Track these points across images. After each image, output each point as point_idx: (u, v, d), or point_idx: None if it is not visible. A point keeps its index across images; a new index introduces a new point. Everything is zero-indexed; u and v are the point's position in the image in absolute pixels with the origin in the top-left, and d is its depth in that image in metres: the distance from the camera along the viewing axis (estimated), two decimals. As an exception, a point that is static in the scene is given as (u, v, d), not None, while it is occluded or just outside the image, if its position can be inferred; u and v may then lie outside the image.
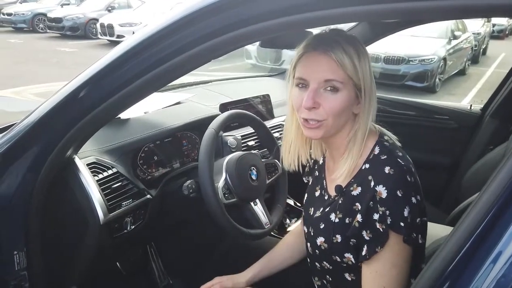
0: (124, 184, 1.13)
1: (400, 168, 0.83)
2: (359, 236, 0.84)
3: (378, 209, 0.81)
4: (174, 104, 1.47)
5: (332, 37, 0.86)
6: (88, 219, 1.04)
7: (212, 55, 0.83)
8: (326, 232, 0.90)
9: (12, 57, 8.77)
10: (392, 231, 0.80)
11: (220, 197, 1.10)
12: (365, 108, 0.86)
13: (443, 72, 7.45)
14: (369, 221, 0.83)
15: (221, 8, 0.74)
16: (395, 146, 0.89)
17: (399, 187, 0.81)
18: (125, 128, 1.26)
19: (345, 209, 0.87)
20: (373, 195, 0.82)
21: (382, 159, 0.84)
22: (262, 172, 1.22)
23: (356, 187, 0.86)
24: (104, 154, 1.14)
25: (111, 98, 0.86)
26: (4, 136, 0.98)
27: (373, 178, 0.83)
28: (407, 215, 0.80)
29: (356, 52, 0.84)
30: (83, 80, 0.88)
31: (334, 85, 0.84)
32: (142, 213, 1.17)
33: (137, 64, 0.82)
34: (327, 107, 0.84)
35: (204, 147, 1.10)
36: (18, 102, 1.66)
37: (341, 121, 0.87)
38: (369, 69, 0.86)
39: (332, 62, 0.83)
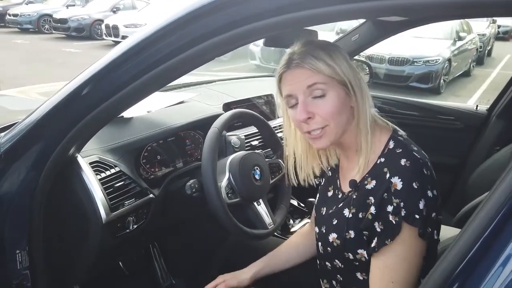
0: (126, 183, 1.12)
1: (416, 161, 0.82)
2: (372, 228, 0.84)
3: (393, 200, 0.80)
4: (177, 104, 1.46)
5: (299, 50, 0.87)
6: (90, 218, 1.04)
7: (213, 53, 0.83)
8: (339, 228, 0.90)
9: (18, 57, 8.85)
10: (406, 224, 0.79)
11: (223, 196, 1.09)
12: (358, 99, 0.86)
13: (448, 73, 7.41)
14: (382, 213, 0.82)
15: (221, 6, 0.73)
16: (409, 141, 0.89)
17: (415, 179, 0.80)
18: (128, 127, 1.25)
19: (358, 203, 0.87)
20: (388, 186, 0.81)
21: (398, 152, 0.84)
22: (266, 172, 1.21)
23: (370, 181, 0.86)
24: (107, 153, 1.14)
25: (113, 97, 0.86)
26: (7, 134, 0.98)
27: (389, 170, 0.83)
28: (423, 208, 0.79)
29: (327, 53, 0.85)
30: (85, 78, 0.88)
31: (318, 88, 0.84)
32: (144, 212, 1.17)
33: (138, 62, 0.82)
34: (322, 113, 0.85)
35: (207, 146, 1.09)
36: (23, 101, 1.66)
37: (342, 120, 0.87)
38: (346, 63, 0.86)
39: (307, 71, 0.84)
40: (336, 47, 0.88)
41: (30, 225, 0.96)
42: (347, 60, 0.87)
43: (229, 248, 1.41)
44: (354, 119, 0.88)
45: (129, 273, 1.49)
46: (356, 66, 0.90)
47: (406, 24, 1.67)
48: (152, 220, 1.19)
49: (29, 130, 0.93)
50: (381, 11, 0.81)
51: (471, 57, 8.71)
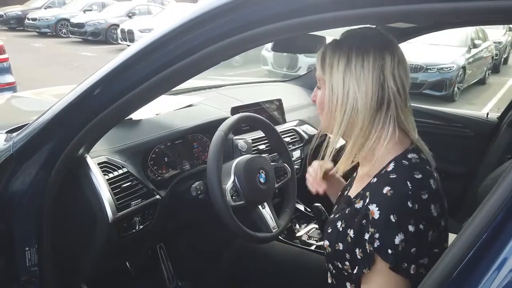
0: (133, 184, 1.14)
1: (402, 191, 0.76)
2: (353, 253, 0.82)
3: (369, 229, 0.78)
4: (186, 107, 1.48)
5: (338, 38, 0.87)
6: (97, 217, 1.06)
7: (221, 57, 0.84)
8: (331, 238, 0.89)
9: (36, 60, 9.01)
10: (378, 256, 0.76)
11: (228, 199, 1.10)
12: (336, 112, 0.84)
13: (462, 81, 7.32)
14: (360, 240, 0.80)
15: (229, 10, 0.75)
16: (417, 167, 0.80)
17: (394, 211, 0.75)
18: (136, 129, 1.27)
19: (348, 220, 0.85)
20: (366, 213, 0.79)
21: (390, 178, 0.79)
22: (271, 175, 1.22)
23: (359, 201, 0.84)
24: (115, 154, 1.16)
25: (123, 98, 0.87)
26: (19, 134, 1.01)
27: (369, 196, 0.80)
28: (399, 243, 0.74)
29: (332, 57, 0.84)
30: (95, 80, 0.90)
31: (317, 80, 0.89)
32: (151, 213, 1.18)
33: (148, 64, 0.83)
34: (317, 101, 0.91)
35: (213, 149, 1.10)
36: (37, 103, 1.70)
37: (329, 118, 0.87)
38: (342, 78, 0.82)
39: (316, 59, 0.89)
40: (351, 59, 0.82)
41: (39, 223, 0.98)
42: (349, 76, 0.82)
43: (235, 251, 1.42)
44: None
45: (136, 274, 1.50)
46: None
47: (414, 31, 1.66)
48: (158, 221, 1.21)
49: (40, 130, 0.95)
50: (388, 17, 0.81)
51: (486, 65, 8.59)
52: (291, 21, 0.71)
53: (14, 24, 14.42)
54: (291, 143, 1.66)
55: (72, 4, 15.13)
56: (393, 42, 0.85)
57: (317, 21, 0.71)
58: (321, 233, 1.54)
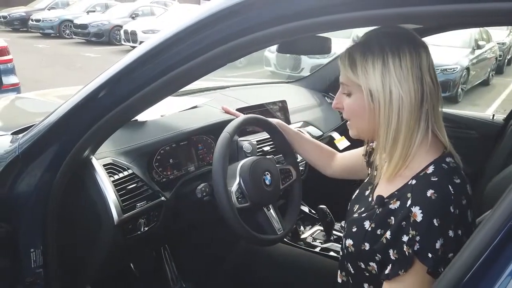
0: (139, 186, 1.14)
1: (446, 196, 0.76)
2: (386, 253, 0.81)
3: (409, 231, 0.76)
4: (191, 108, 1.48)
5: (360, 39, 0.87)
6: (103, 219, 1.06)
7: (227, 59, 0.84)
8: (356, 237, 0.88)
9: (39, 61, 9.04)
10: (417, 259, 0.76)
11: (233, 201, 1.10)
12: (381, 114, 0.82)
13: (466, 82, 7.31)
14: (397, 241, 0.79)
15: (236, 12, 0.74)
16: (455, 171, 0.81)
17: (438, 215, 0.75)
18: (142, 131, 1.27)
19: (379, 220, 0.84)
20: (408, 215, 0.77)
21: (432, 180, 0.78)
22: (276, 177, 1.22)
23: (395, 201, 0.82)
24: (121, 155, 1.16)
25: (128, 101, 0.87)
26: (25, 136, 1.01)
27: (412, 197, 0.78)
28: (439, 248, 0.74)
29: (364, 57, 0.82)
30: (100, 82, 0.90)
31: (345, 87, 0.88)
32: (156, 215, 1.18)
33: (153, 67, 0.83)
34: (345, 109, 0.90)
35: (218, 151, 1.10)
36: (41, 104, 1.70)
37: (364, 123, 0.87)
38: (380, 76, 0.80)
39: (343, 67, 0.87)
40: (386, 58, 0.81)
41: (44, 225, 0.98)
42: (382, 69, 0.81)
43: (240, 253, 1.42)
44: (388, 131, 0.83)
45: (140, 275, 1.50)
46: None
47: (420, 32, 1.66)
48: (163, 222, 1.21)
49: (46, 132, 0.95)
50: (395, 19, 0.81)
51: (490, 66, 8.57)
52: (296, 24, 0.71)
53: (18, 25, 14.49)
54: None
55: (75, 5, 15.19)
56: (422, 40, 0.86)
57: (322, 24, 0.71)
58: (326, 234, 1.53)
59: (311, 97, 2.06)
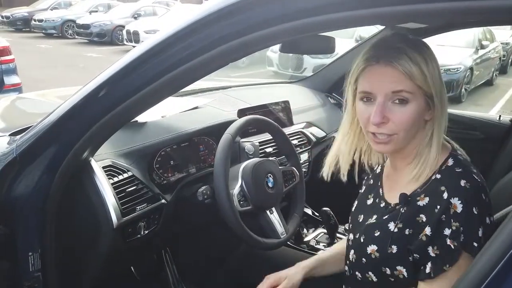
0: (139, 188, 1.11)
1: (477, 184, 0.77)
2: (424, 251, 0.78)
3: (452, 224, 0.75)
4: (192, 109, 1.46)
5: (394, 44, 0.80)
6: (102, 222, 1.04)
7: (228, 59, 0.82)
8: (381, 241, 0.85)
9: (42, 61, 9.05)
10: (464, 251, 0.74)
11: (235, 204, 1.07)
12: (438, 113, 0.81)
13: (469, 82, 7.27)
14: (439, 236, 0.76)
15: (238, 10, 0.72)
16: (469, 163, 0.83)
17: (476, 203, 0.75)
18: (142, 132, 1.25)
19: (407, 219, 0.81)
20: (447, 207, 0.76)
21: (457, 172, 0.79)
22: (279, 179, 1.19)
23: (423, 197, 0.80)
24: (121, 157, 1.14)
25: (128, 101, 0.85)
26: (23, 137, 0.99)
27: (447, 190, 0.77)
28: (481, 236, 0.74)
29: (423, 58, 0.79)
30: (100, 82, 0.88)
31: (403, 96, 0.79)
32: (156, 217, 1.16)
33: (154, 66, 0.81)
34: (397, 121, 0.79)
35: (220, 153, 1.08)
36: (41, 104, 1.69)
37: (412, 133, 0.83)
38: (438, 73, 0.80)
39: (399, 74, 0.78)
40: (432, 52, 0.81)
41: (43, 228, 0.97)
42: (439, 68, 0.81)
43: (241, 256, 1.40)
44: (428, 132, 0.82)
45: (140, 278, 1.48)
46: None
47: (425, 32, 1.63)
48: (164, 225, 1.19)
49: (44, 133, 0.94)
50: (398, 17, 0.79)
51: (493, 66, 8.53)
52: (301, 21, 0.69)
53: (20, 25, 14.53)
54: (298, 146, 1.63)
55: (78, 6, 15.22)
56: None
57: (326, 22, 0.69)
58: (330, 237, 1.51)
59: (314, 98, 2.03)
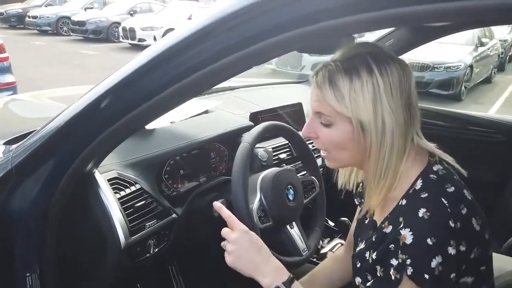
0: (148, 203, 1.01)
1: (440, 211, 0.68)
2: (373, 270, 0.76)
3: (398, 255, 0.70)
4: (202, 113, 1.36)
5: (331, 63, 0.74)
6: (108, 242, 0.94)
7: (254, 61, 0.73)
8: (361, 272, 0.80)
9: (36, 59, 8.91)
10: (412, 282, 0.69)
11: (255, 221, 0.97)
12: (373, 143, 0.72)
13: (469, 79, 7.23)
14: (384, 261, 0.73)
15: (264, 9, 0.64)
16: (446, 179, 0.73)
17: (432, 233, 0.67)
18: (150, 140, 1.15)
19: (378, 247, 0.76)
20: (397, 238, 0.70)
21: (422, 198, 0.71)
22: (300, 191, 1.09)
23: (387, 225, 0.75)
24: (127, 168, 1.04)
25: (139, 108, 0.76)
26: (19, 146, 0.89)
27: (403, 221, 0.71)
28: (435, 267, 0.66)
29: (349, 81, 0.71)
30: (107, 87, 0.78)
31: (323, 118, 0.75)
32: (166, 234, 1.06)
33: (166, 71, 0.72)
34: (323, 140, 0.78)
35: (238, 165, 0.97)
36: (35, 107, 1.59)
37: (348, 155, 0.76)
38: (371, 101, 0.70)
39: (317, 92, 0.75)
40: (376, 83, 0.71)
41: (42, 247, 0.87)
42: (376, 101, 0.70)
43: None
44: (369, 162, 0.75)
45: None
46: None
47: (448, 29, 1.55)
48: (174, 241, 1.09)
49: (43, 143, 0.84)
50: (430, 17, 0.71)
51: (492, 63, 8.49)
52: (323, 24, 0.61)
53: (14, 22, 14.34)
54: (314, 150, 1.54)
55: (72, 2, 15.00)
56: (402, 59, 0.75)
57: (349, 24, 0.61)
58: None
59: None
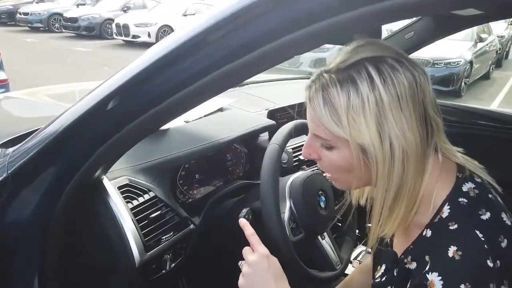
0: (163, 213, 0.90)
1: (474, 249, 0.56)
2: None
3: None
4: (217, 111, 1.24)
5: (325, 77, 0.61)
6: (120, 259, 0.82)
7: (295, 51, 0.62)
8: None
9: (28, 56, 8.72)
10: None
11: (287, 234, 0.86)
12: (379, 172, 0.60)
13: (468, 76, 7.19)
14: None
15: None
16: (479, 202, 0.60)
17: (466, 279, 0.55)
18: (163, 141, 1.03)
19: (399, 283, 0.65)
20: (423, 282, 0.57)
21: (451, 230, 0.58)
22: (331, 197, 0.98)
23: (411, 261, 0.63)
24: (139, 173, 0.92)
25: (156, 107, 0.65)
26: (17, 150, 0.78)
27: (430, 261, 0.58)
28: None
29: (347, 99, 0.58)
30: (118, 84, 0.67)
31: (323, 142, 0.64)
32: (183, 247, 0.95)
33: (183, 69, 0.62)
34: (325, 163, 0.66)
35: (269, 169, 0.84)
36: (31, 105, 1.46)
37: (354, 179, 0.64)
38: (374, 123, 0.58)
39: (311, 111, 0.63)
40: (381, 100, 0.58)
41: (42, 262, 0.77)
42: (381, 122, 0.58)
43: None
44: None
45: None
46: None
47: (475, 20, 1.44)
48: (191, 255, 0.97)
49: (45, 146, 0.73)
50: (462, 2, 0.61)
51: (491, 59, 8.47)
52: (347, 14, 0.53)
53: (5, 19, 14.08)
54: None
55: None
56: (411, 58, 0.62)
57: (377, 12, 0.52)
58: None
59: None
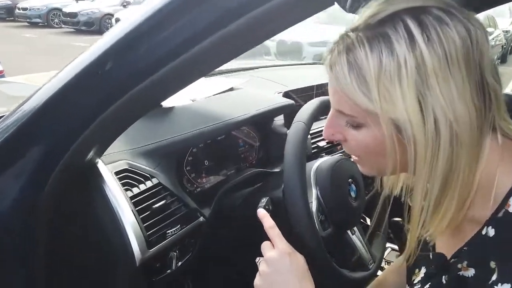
0: (169, 202, 0.77)
1: None
2: None
3: None
4: (227, 91, 1.11)
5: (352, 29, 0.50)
6: (118, 256, 0.70)
7: None
8: None
9: (27, 51, 8.68)
10: None
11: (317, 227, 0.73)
12: (419, 154, 0.48)
13: (475, 70, 7.10)
14: None
15: None
16: None
17: None
18: (168, 121, 0.91)
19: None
20: None
21: None
22: (362, 187, 0.84)
23: (467, 267, 0.51)
24: (140, 157, 0.79)
25: (156, 74, 0.53)
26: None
27: (498, 269, 0.47)
28: None
29: (379, 65, 0.47)
30: (108, 46, 0.54)
31: (348, 119, 0.54)
32: (191, 242, 0.82)
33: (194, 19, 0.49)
34: (352, 144, 0.56)
35: (294, 152, 0.70)
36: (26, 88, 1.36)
37: (387, 161, 0.52)
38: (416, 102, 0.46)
39: (333, 82, 0.52)
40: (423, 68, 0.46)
41: (29, 263, 0.67)
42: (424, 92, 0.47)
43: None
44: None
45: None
46: None
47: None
48: (200, 252, 0.85)
49: (24, 125, 0.60)
50: None
51: (496, 54, 8.38)
52: None
53: (3, 14, 14.10)
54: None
55: (64, -7, 14.73)
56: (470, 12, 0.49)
57: None
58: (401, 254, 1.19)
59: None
